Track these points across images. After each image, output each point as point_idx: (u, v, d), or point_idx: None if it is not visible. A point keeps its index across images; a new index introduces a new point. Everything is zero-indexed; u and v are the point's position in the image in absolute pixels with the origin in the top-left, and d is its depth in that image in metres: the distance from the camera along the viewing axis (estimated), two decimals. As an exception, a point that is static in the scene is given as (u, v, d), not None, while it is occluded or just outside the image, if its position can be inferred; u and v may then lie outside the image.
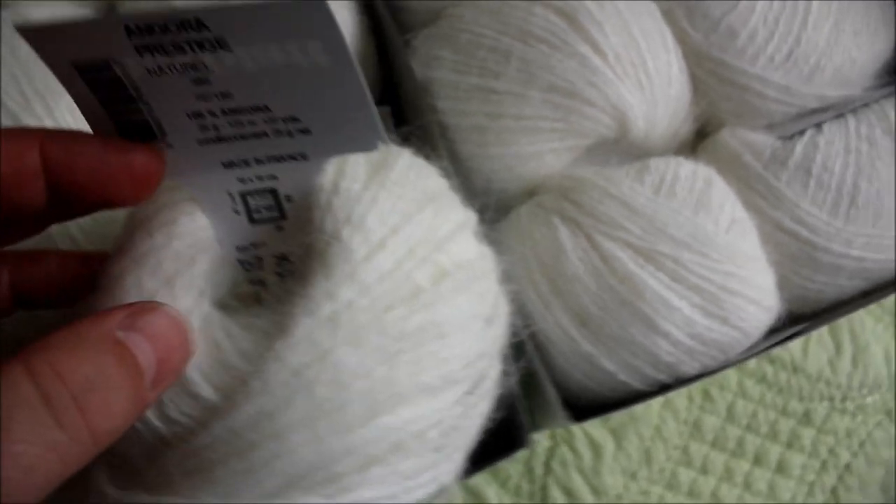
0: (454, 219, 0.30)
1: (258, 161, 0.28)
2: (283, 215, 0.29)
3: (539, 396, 0.39)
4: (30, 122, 0.38)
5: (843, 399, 0.55)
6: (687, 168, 0.41)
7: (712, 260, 0.38)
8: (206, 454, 0.24)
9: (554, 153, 0.42)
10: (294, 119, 0.27)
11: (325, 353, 0.24)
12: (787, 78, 0.43)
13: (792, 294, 0.42)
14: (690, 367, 0.38)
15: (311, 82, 0.25)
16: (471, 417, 0.29)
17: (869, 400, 0.55)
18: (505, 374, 0.31)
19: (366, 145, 0.28)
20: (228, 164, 0.28)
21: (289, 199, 0.28)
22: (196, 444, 0.24)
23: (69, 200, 0.25)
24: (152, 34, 0.24)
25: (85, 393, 0.20)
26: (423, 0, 0.46)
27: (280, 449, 0.24)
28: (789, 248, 0.41)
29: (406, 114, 0.46)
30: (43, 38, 0.24)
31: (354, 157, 0.28)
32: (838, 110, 0.43)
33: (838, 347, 0.55)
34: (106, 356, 0.21)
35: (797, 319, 0.43)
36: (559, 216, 0.40)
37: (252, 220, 0.29)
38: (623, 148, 0.43)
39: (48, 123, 0.38)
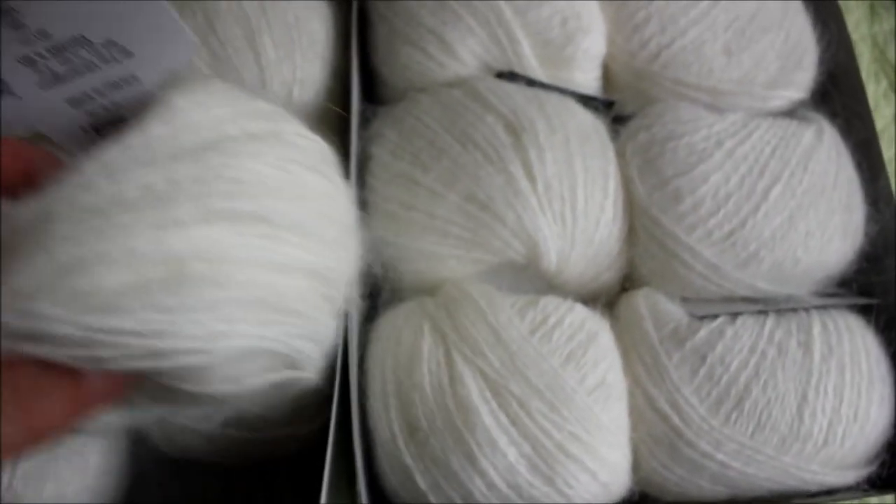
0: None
1: (99, 93, 0.29)
2: None
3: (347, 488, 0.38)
4: None
5: None
6: (576, 315, 0.39)
7: (561, 416, 0.36)
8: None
9: (457, 260, 0.41)
10: (113, 43, 0.28)
11: (122, 170, 0.25)
12: (719, 258, 0.41)
13: (647, 478, 0.39)
14: (503, 516, 0.37)
15: (115, 2, 0.27)
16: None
17: None
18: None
19: (183, 55, 0.30)
20: (74, 103, 0.29)
21: None
22: None
23: None
24: None
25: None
26: (396, 77, 0.46)
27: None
28: (655, 429, 0.39)
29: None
30: None
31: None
32: (766, 306, 0.41)
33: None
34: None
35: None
36: (430, 323, 0.39)
37: None
38: (534, 276, 0.42)
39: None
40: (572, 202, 0.41)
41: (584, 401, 0.37)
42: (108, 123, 0.30)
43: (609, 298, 0.44)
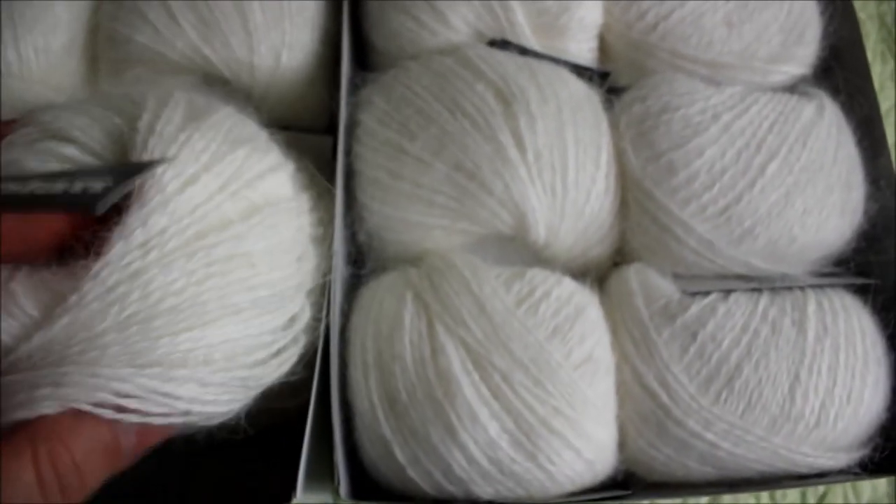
0: (268, 161, 0.34)
1: None
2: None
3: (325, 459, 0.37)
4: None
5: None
6: (563, 289, 0.38)
7: (545, 391, 0.35)
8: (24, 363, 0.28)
9: (442, 231, 0.40)
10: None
11: (135, 272, 0.28)
12: (713, 233, 0.40)
13: (633, 457, 0.38)
14: (483, 491, 0.36)
15: None
16: (278, 355, 0.34)
17: None
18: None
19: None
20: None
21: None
22: (18, 354, 0.28)
23: None
24: None
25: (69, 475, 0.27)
26: (387, 45, 0.45)
27: (95, 354, 0.28)
28: (642, 406, 0.38)
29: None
30: None
31: (173, 102, 0.33)
32: (762, 284, 0.40)
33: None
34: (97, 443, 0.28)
35: (647, 489, 0.39)
36: (413, 293, 0.38)
37: None
38: (522, 249, 0.41)
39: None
40: (563, 173, 0.40)
41: (569, 375, 0.36)
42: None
43: (599, 273, 0.43)
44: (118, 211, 0.30)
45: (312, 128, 0.47)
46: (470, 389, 0.35)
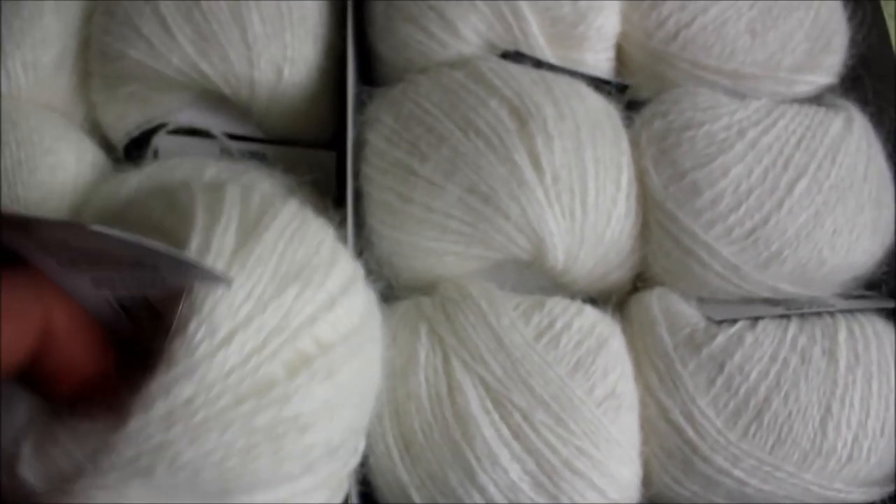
0: (324, 293, 0.29)
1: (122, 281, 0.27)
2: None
3: None
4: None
5: None
6: (585, 319, 0.37)
7: (567, 430, 0.34)
8: None
9: (456, 257, 0.38)
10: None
11: (159, 446, 0.24)
12: (739, 257, 0.38)
13: (659, 494, 0.37)
14: (503, 535, 0.34)
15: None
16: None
17: None
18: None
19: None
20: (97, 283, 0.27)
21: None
22: None
23: None
24: None
25: None
26: (394, 56, 0.43)
27: None
28: (668, 442, 0.36)
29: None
30: None
31: (227, 216, 0.28)
32: (788, 308, 0.38)
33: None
34: None
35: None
36: (427, 326, 0.36)
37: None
38: (539, 275, 0.40)
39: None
40: (582, 195, 0.38)
41: (592, 413, 0.34)
42: (132, 300, 0.27)
43: (619, 297, 0.41)
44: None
45: (316, 142, 0.45)
46: (489, 430, 0.34)
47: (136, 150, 0.44)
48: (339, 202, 0.40)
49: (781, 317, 0.38)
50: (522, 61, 0.41)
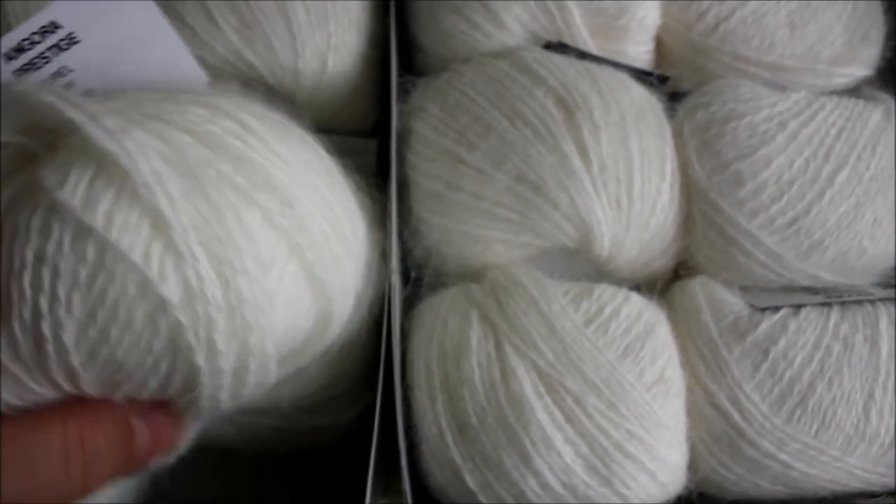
0: None
1: None
2: None
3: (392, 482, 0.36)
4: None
5: None
6: (632, 306, 0.37)
7: (619, 414, 0.34)
8: None
9: (504, 244, 0.39)
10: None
11: None
12: (782, 246, 0.39)
13: (705, 478, 0.37)
14: (556, 517, 0.35)
15: (143, 50, 0.31)
16: None
17: None
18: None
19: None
20: None
21: None
22: None
23: None
24: (23, 52, 0.29)
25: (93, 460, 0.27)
26: (437, 47, 0.43)
27: None
28: (714, 426, 0.37)
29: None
30: None
31: None
32: (829, 297, 0.39)
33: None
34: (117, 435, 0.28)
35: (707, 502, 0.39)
36: (478, 312, 0.37)
37: None
38: (583, 263, 0.40)
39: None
40: (628, 185, 0.38)
41: (642, 397, 0.35)
42: None
43: (661, 286, 0.42)
44: None
45: (358, 131, 0.46)
46: (543, 414, 0.34)
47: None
48: (380, 190, 0.40)
49: (823, 305, 0.39)
50: (566, 52, 0.42)
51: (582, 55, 0.42)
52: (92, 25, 0.30)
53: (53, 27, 0.28)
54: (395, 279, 0.38)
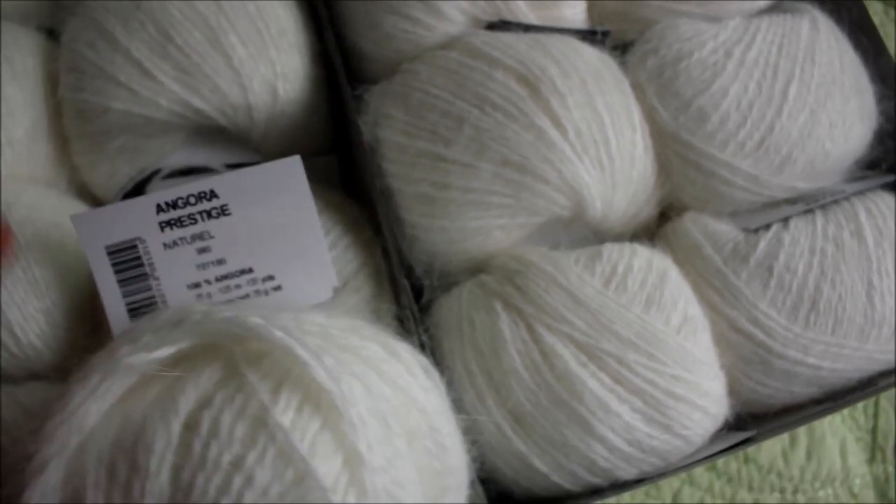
0: None
1: None
2: None
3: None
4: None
5: (795, 491, 0.53)
6: (642, 258, 0.38)
7: (659, 362, 0.36)
8: None
9: (502, 230, 0.39)
10: (271, 278, 0.33)
11: None
12: (756, 167, 0.41)
13: (742, 399, 0.39)
14: (627, 473, 0.36)
15: (285, 240, 0.33)
16: None
17: (821, 493, 0.53)
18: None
19: (323, 295, 0.34)
20: None
21: None
22: None
23: None
24: (175, 209, 0.31)
25: None
26: (381, 50, 0.43)
27: None
28: (743, 350, 0.38)
29: (356, 166, 0.44)
30: (84, 223, 0.31)
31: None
32: (808, 203, 0.41)
33: (793, 439, 0.53)
34: None
35: (743, 419, 0.41)
36: (501, 302, 0.37)
37: None
38: (577, 227, 0.41)
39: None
40: (605, 144, 0.39)
41: (675, 341, 0.36)
42: None
43: (649, 232, 0.43)
44: None
45: (318, 151, 0.45)
46: (593, 382, 0.35)
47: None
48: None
49: (806, 212, 0.41)
50: (510, 29, 0.42)
51: (526, 28, 0.42)
52: (247, 205, 0.31)
53: (211, 195, 0.31)
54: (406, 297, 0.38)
